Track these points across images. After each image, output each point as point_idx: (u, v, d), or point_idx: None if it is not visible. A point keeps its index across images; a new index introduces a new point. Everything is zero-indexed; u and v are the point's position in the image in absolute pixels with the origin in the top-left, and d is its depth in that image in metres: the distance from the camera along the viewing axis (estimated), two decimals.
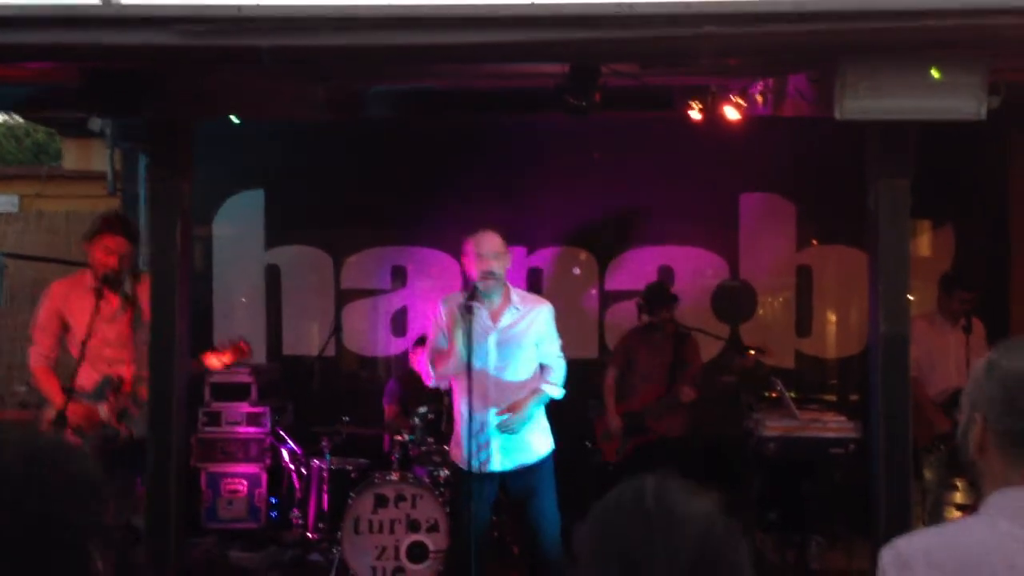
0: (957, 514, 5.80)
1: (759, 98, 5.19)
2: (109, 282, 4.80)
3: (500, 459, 4.81)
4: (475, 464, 4.77)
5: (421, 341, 6.89)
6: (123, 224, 4.95)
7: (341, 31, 3.51)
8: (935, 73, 3.79)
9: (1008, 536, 1.61)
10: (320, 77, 4.59)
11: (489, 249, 4.66)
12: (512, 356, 4.74)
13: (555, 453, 4.94)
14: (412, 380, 6.83)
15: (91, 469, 1.45)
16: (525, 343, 4.76)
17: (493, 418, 4.72)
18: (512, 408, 4.69)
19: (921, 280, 6.72)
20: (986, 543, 1.61)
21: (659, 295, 6.51)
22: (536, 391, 4.77)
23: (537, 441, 4.86)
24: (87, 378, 4.81)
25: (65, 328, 4.93)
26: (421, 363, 5.72)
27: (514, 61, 4.12)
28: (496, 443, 4.78)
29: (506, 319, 4.74)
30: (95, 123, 6.91)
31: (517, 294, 4.85)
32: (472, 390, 4.60)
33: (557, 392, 4.83)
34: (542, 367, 4.85)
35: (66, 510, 1.36)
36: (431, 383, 5.09)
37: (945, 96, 3.78)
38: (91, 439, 4.67)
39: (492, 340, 4.72)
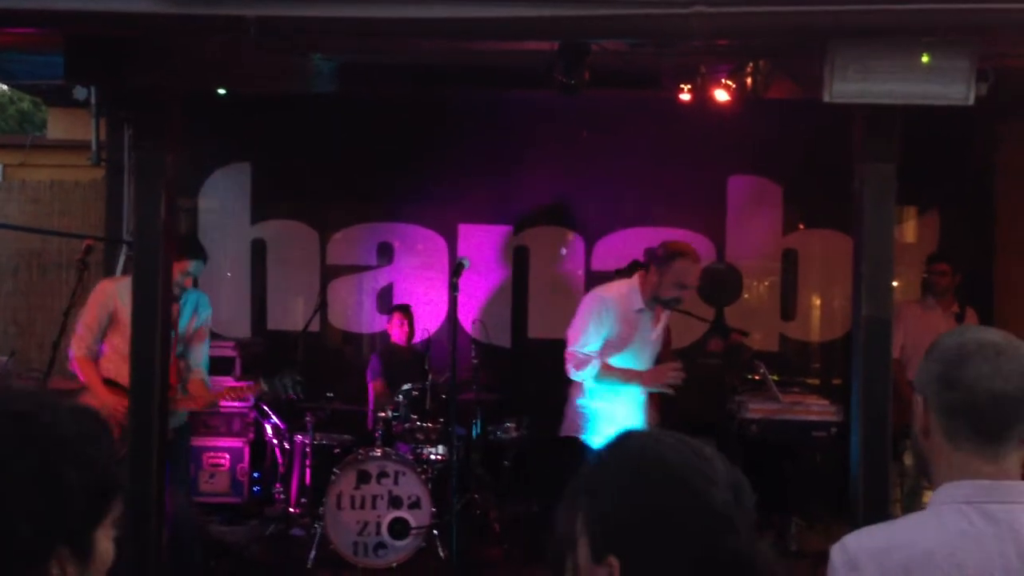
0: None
1: (748, 80, 5.18)
2: (176, 298, 5.06)
3: None
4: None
5: (397, 308, 6.91)
6: (199, 249, 5.25)
7: (328, 3, 3.48)
8: (924, 58, 3.78)
9: (955, 532, 1.61)
10: (309, 49, 4.55)
11: (691, 282, 4.83)
12: (655, 360, 5.01)
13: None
14: (393, 353, 6.83)
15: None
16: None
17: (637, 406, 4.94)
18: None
19: (907, 266, 6.77)
20: (934, 540, 1.61)
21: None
22: None
23: None
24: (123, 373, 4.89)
25: (110, 323, 5.07)
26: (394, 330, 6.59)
27: (502, 38, 4.09)
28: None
29: (658, 329, 4.98)
30: (80, 92, 6.83)
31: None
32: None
33: None
34: None
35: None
36: (576, 376, 4.87)
37: (934, 81, 3.77)
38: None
39: (649, 346, 4.93)
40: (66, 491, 1.22)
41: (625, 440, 1.36)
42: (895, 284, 5.33)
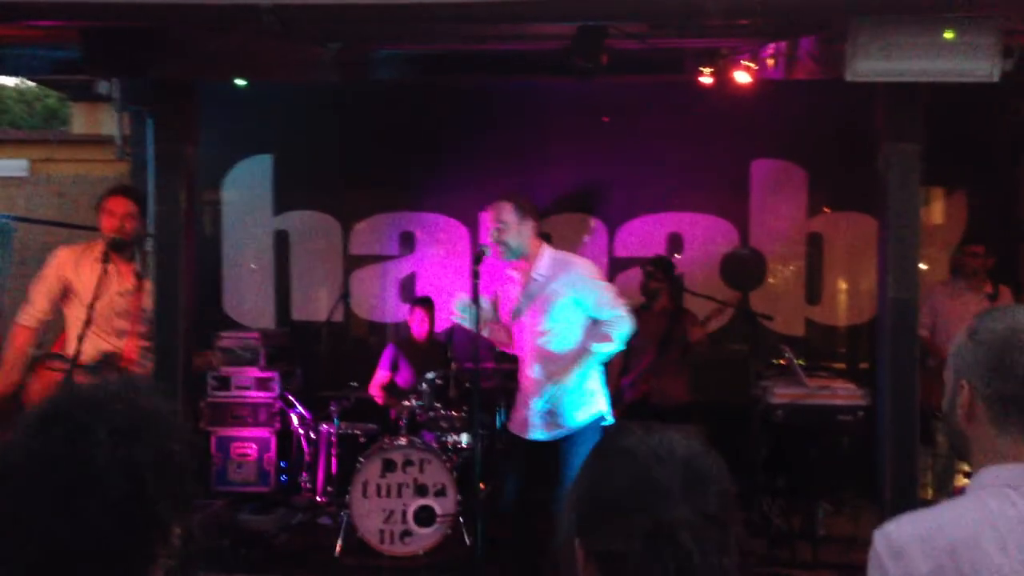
0: (965, 481, 5.79)
1: (770, 61, 5.13)
2: (117, 247, 4.72)
3: (539, 428, 4.68)
4: (518, 430, 4.73)
5: (418, 301, 6.90)
6: (125, 188, 4.94)
7: None
8: (948, 34, 3.72)
9: (999, 516, 1.57)
10: (324, 38, 4.54)
11: (489, 218, 4.68)
12: (546, 326, 4.61)
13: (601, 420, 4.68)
14: (412, 346, 6.82)
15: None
16: (555, 311, 4.59)
17: (541, 389, 4.60)
18: (554, 380, 4.54)
19: (935, 248, 6.69)
20: (978, 524, 1.57)
21: (664, 268, 6.51)
22: (578, 355, 4.55)
23: (576, 410, 4.64)
24: (92, 347, 4.72)
25: (65, 294, 4.85)
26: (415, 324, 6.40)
27: (520, 20, 4.06)
28: (536, 412, 4.65)
29: (529, 290, 4.65)
30: (103, 87, 6.89)
31: (548, 262, 4.65)
32: (523, 359, 4.60)
33: (608, 346, 4.56)
34: (595, 323, 4.60)
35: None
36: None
37: (958, 57, 3.71)
38: None
39: (524, 312, 4.64)
40: (180, 468, 1.31)
41: (604, 434, 1.46)
42: (923, 266, 5.27)
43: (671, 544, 1.27)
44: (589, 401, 4.67)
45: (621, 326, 4.57)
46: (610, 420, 4.76)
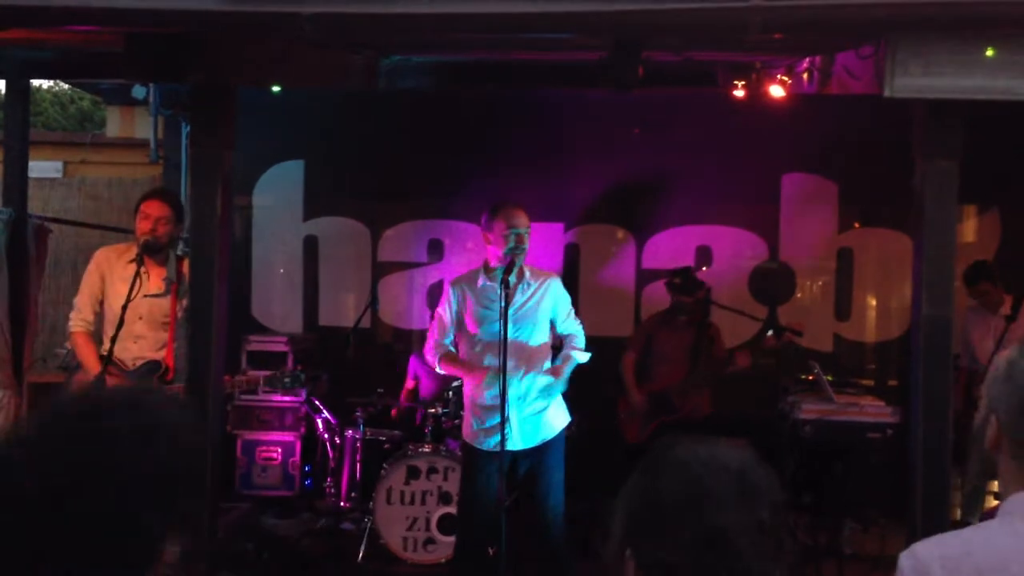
0: (995, 503, 5.73)
1: (805, 76, 5.12)
2: (149, 250, 4.75)
3: (519, 437, 4.74)
4: (491, 443, 4.72)
5: None
6: (162, 192, 5.02)
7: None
8: (989, 51, 3.69)
9: None
10: (362, 46, 4.57)
11: (520, 223, 4.75)
12: (528, 333, 4.74)
13: (569, 429, 4.94)
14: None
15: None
16: (539, 318, 4.79)
17: (515, 394, 4.68)
18: (555, 372, 4.77)
19: (966, 266, 6.61)
20: (1005, 548, 1.57)
21: (689, 282, 6.47)
22: (568, 357, 4.81)
23: (554, 417, 4.85)
24: (123, 351, 4.77)
25: (102, 294, 4.91)
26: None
27: (555, 33, 4.07)
28: (515, 421, 4.71)
29: (520, 298, 4.73)
30: (139, 91, 6.97)
31: (533, 271, 4.86)
32: (499, 367, 4.57)
33: (585, 357, 4.83)
34: (564, 336, 4.88)
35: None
36: (438, 369, 5.01)
37: (999, 75, 3.68)
38: None
39: (509, 318, 4.66)
40: (179, 479, 1.30)
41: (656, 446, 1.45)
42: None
43: (725, 551, 1.27)
44: (563, 410, 4.91)
45: (581, 339, 4.88)
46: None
